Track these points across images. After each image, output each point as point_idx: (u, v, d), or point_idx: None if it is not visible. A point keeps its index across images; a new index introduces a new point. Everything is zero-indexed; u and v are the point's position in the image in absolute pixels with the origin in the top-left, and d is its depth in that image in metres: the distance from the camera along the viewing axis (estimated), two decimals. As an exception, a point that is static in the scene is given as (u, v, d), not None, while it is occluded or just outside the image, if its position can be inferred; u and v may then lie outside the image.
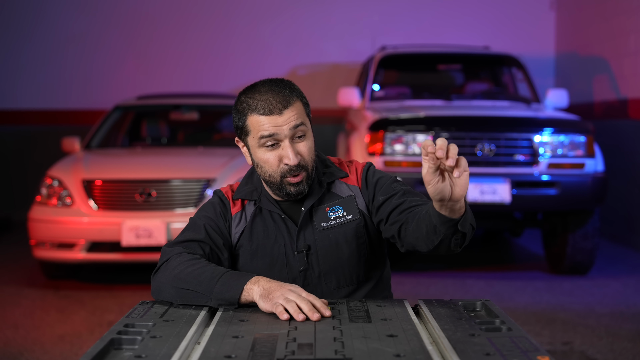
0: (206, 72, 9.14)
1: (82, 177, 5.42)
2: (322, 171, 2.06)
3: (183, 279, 1.83)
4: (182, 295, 1.83)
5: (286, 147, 1.91)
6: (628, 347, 4.01)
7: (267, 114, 1.90)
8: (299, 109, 1.93)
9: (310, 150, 1.95)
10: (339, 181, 2.06)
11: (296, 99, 1.93)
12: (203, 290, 1.80)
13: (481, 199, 5.37)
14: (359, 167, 2.08)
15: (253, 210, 2.04)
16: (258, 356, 1.43)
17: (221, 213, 2.03)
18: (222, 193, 2.08)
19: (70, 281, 5.70)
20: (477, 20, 9.10)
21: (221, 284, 1.79)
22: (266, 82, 1.96)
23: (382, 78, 7.06)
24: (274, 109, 1.89)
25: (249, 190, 2.05)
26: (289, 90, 1.93)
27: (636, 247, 6.92)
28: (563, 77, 8.90)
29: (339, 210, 2.01)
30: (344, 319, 1.69)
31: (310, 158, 1.95)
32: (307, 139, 1.94)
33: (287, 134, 1.91)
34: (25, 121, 9.14)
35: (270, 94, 1.91)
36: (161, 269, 1.91)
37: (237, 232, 2.03)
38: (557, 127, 5.59)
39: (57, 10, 9.07)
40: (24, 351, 4.04)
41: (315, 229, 2.00)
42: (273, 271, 1.98)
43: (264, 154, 1.94)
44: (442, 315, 1.72)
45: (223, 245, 2.00)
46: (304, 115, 1.95)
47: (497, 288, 5.38)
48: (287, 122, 1.90)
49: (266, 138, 1.91)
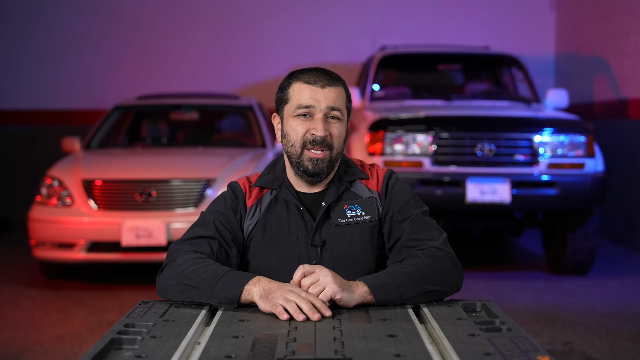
0: (206, 72, 9.14)
1: (82, 177, 5.42)
2: (344, 170, 2.08)
3: (187, 276, 1.84)
4: (184, 292, 1.84)
5: (318, 119, 1.96)
6: (628, 347, 4.01)
7: (312, 83, 1.96)
8: (341, 94, 1.99)
9: (341, 136, 1.99)
10: (360, 182, 2.07)
11: (341, 86, 2.01)
12: (205, 287, 1.81)
13: (481, 199, 5.36)
14: (381, 173, 2.10)
15: (269, 201, 2.04)
16: (258, 356, 1.43)
17: (232, 206, 2.04)
18: (238, 184, 2.09)
19: (70, 281, 5.70)
20: (477, 20, 9.10)
21: (223, 283, 1.79)
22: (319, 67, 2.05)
23: (382, 78, 7.06)
24: (318, 81, 1.97)
25: (270, 179, 2.06)
26: (337, 77, 2.02)
27: (636, 247, 6.92)
28: (563, 77, 8.90)
29: (357, 210, 2.02)
30: (344, 319, 1.69)
31: (337, 142, 1.98)
32: (340, 124, 1.99)
33: (322, 109, 1.96)
34: (25, 121, 9.14)
35: (320, 72, 2.00)
36: (167, 267, 1.92)
37: (250, 224, 2.03)
38: (557, 127, 5.59)
39: (57, 10, 9.07)
40: (24, 351, 4.03)
41: (331, 224, 2.01)
42: (284, 263, 1.98)
43: (294, 121, 1.98)
44: (442, 315, 1.72)
45: (232, 240, 2.00)
46: (343, 103, 2.00)
47: (497, 288, 5.38)
48: (326, 98, 1.96)
49: (303, 108, 1.96)
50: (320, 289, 1.74)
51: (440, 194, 5.40)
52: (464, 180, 5.38)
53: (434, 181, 5.45)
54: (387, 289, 1.79)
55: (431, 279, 1.84)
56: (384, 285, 1.79)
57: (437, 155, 5.49)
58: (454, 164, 5.50)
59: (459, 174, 5.43)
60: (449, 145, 5.51)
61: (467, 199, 5.36)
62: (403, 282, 1.81)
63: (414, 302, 1.82)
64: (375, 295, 1.78)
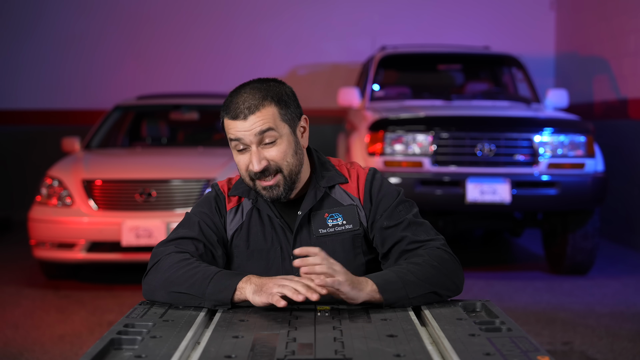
0: (206, 72, 9.14)
1: (82, 177, 5.42)
2: (321, 174, 2.01)
3: (174, 282, 1.82)
4: (174, 299, 1.82)
5: (253, 152, 1.89)
6: (628, 347, 4.01)
7: (234, 118, 1.89)
8: (268, 114, 1.88)
9: (285, 154, 1.90)
10: (339, 187, 2.01)
11: (269, 103, 1.88)
12: (195, 292, 1.79)
13: (481, 199, 5.36)
14: (361, 174, 2.02)
15: (250, 208, 2.01)
16: (258, 356, 1.43)
17: (216, 208, 2.01)
18: (219, 187, 2.06)
19: (70, 281, 5.70)
20: (477, 20, 9.10)
21: (213, 285, 1.78)
22: (253, 82, 1.95)
23: (382, 78, 7.05)
24: (240, 114, 1.88)
25: (245, 189, 2.01)
26: (263, 94, 1.89)
27: (636, 247, 6.92)
28: (563, 77, 8.90)
29: (338, 218, 1.98)
30: (344, 319, 1.69)
31: (285, 162, 1.90)
32: (279, 144, 1.89)
33: (252, 140, 1.88)
34: (24, 121, 9.13)
35: (243, 98, 1.89)
36: (151, 271, 1.89)
37: (232, 227, 2.01)
38: (557, 127, 5.59)
39: (56, 10, 9.07)
40: (24, 351, 4.03)
41: (312, 235, 1.97)
42: (269, 274, 1.97)
43: (236, 156, 1.93)
44: (442, 315, 1.72)
45: (217, 242, 1.97)
46: (276, 120, 1.89)
47: (497, 288, 5.38)
48: (250, 129, 1.87)
49: (234, 142, 1.90)
50: (331, 271, 1.69)
51: (440, 194, 5.40)
52: (464, 180, 5.38)
53: (434, 181, 5.45)
54: (394, 287, 1.77)
55: (436, 280, 1.82)
56: (391, 283, 1.77)
57: (437, 155, 5.49)
58: (454, 164, 5.50)
59: (459, 174, 5.43)
60: (449, 145, 5.51)
61: (467, 199, 5.36)
62: (410, 281, 1.79)
63: (419, 302, 1.80)
64: (383, 294, 1.75)
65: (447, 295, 1.86)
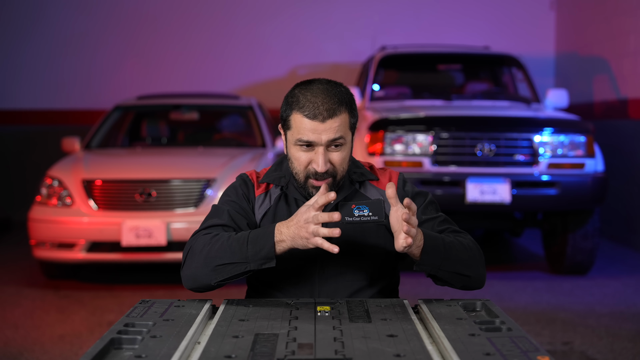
0: (206, 72, 9.14)
1: (82, 177, 5.42)
2: (352, 170, 2.08)
3: (214, 257, 1.87)
4: (220, 272, 1.87)
5: (319, 153, 1.93)
6: (628, 347, 4.01)
7: (311, 118, 1.91)
8: (343, 120, 1.93)
9: (344, 160, 1.97)
10: (369, 184, 2.09)
11: (344, 109, 1.94)
12: (238, 259, 1.84)
13: (481, 199, 5.36)
14: (393, 174, 2.12)
15: (278, 195, 2.07)
16: (258, 356, 1.43)
17: (244, 194, 2.07)
18: (247, 175, 2.12)
19: (70, 281, 5.70)
20: (477, 20, 9.10)
21: (252, 247, 1.84)
22: (323, 82, 1.97)
23: (382, 78, 7.06)
24: (319, 115, 1.90)
25: (277, 177, 2.07)
26: (339, 98, 1.93)
27: (636, 247, 6.92)
28: (563, 77, 8.90)
29: (364, 210, 2.02)
30: (344, 319, 1.69)
31: (342, 167, 1.98)
32: (343, 150, 1.96)
33: (323, 143, 1.92)
34: (25, 121, 9.13)
35: (321, 98, 1.92)
36: (187, 258, 1.94)
37: (260, 212, 2.06)
38: (557, 127, 5.59)
39: (57, 10, 9.07)
40: (24, 351, 4.03)
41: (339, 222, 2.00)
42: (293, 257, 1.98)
43: (297, 151, 1.96)
44: (442, 315, 1.72)
45: (247, 225, 2.02)
46: (347, 127, 1.96)
47: (497, 288, 5.38)
48: (326, 132, 1.91)
49: (304, 141, 1.93)
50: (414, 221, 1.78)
51: (440, 194, 5.40)
52: (464, 180, 5.39)
53: (434, 181, 5.45)
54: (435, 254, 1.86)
55: (469, 264, 1.93)
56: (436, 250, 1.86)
57: (437, 155, 5.49)
58: (454, 164, 5.50)
59: (459, 174, 5.44)
60: (449, 145, 5.51)
61: (467, 199, 5.36)
62: (449, 256, 1.87)
63: (444, 277, 1.89)
64: (422, 254, 1.84)
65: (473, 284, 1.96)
